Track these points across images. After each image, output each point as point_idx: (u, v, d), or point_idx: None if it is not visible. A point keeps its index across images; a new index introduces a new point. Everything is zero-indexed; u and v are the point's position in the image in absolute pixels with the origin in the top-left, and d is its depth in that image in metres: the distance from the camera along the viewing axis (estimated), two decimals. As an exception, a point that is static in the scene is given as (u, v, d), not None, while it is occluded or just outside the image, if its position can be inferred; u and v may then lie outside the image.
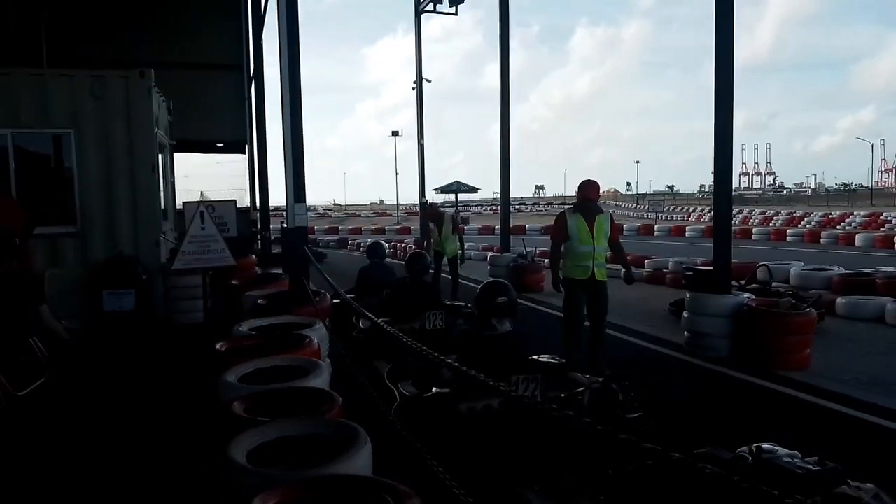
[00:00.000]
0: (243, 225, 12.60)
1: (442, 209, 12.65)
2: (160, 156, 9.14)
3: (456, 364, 2.82)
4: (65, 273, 7.85)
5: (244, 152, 20.41)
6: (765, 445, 3.18)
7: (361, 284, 8.13)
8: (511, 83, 13.73)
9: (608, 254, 6.73)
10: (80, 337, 7.10)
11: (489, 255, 13.96)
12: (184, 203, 10.74)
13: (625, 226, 35.20)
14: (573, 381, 4.36)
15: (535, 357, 4.47)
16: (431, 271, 9.52)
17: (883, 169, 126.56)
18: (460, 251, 11.53)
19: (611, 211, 6.61)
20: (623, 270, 7.01)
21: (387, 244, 21.70)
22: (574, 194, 7.20)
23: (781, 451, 3.14)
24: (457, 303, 7.57)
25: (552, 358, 4.61)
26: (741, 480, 1.65)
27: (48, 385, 5.04)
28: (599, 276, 6.57)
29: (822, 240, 25.07)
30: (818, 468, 2.95)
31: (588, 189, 6.57)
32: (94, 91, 8.05)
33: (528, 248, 13.42)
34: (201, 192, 17.78)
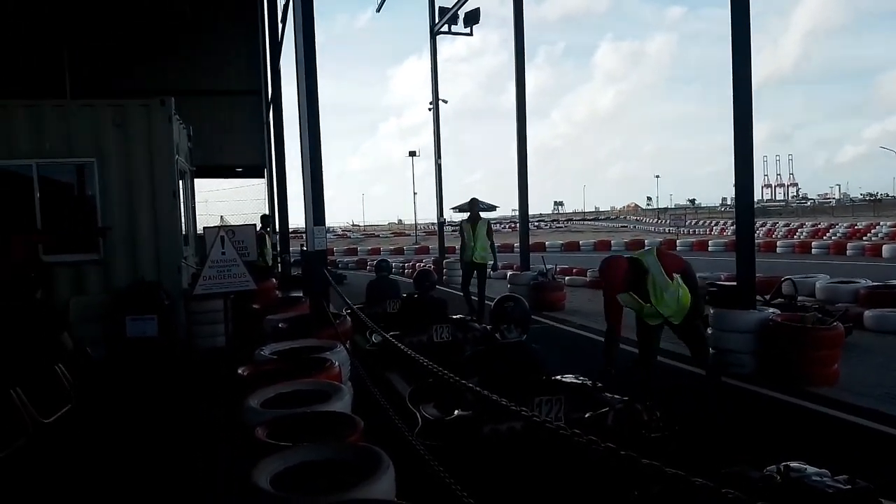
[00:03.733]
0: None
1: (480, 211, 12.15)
2: (181, 182, 9.26)
3: (477, 388, 2.76)
4: (88, 300, 7.97)
5: (263, 176, 20.66)
6: (793, 464, 3.12)
7: (370, 297, 8.84)
8: (533, 100, 14.03)
9: None
10: (105, 363, 7.18)
11: (509, 273, 13.91)
12: (204, 228, 10.87)
13: (646, 241, 35.02)
14: (598, 402, 4.24)
15: (558, 377, 4.44)
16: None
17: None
18: (491, 261, 11.37)
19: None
20: None
21: (405, 263, 21.77)
22: (593, 209, 7.09)
23: (810, 469, 3.08)
24: (464, 317, 7.69)
25: (575, 378, 4.55)
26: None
27: (74, 411, 5.08)
28: None
29: (847, 251, 24.71)
30: (848, 487, 2.88)
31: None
32: (115, 120, 8.20)
33: (549, 266, 13.37)
34: (221, 217, 18.00)
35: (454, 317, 7.46)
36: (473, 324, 7.30)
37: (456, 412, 4.26)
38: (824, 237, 31.30)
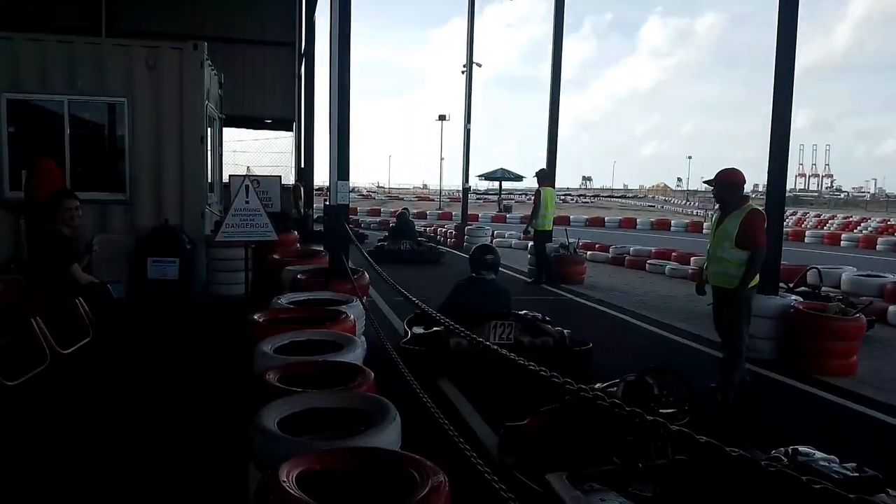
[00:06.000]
0: (286, 202, 12.73)
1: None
2: (209, 129, 9.27)
3: (445, 319, 3.61)
4: (112, 239, 8.06)
5: (292, 130, 20.66)
6: (801, 448, 3.10)
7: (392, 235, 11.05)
8: (574, 72, 14.45)
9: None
10: (125, 301, 7.28)
11: (529, 243, 13.83)
12: (230, 176, 10.93)
13: (672, 222, 34.66)
14: (540, 330, 6.24)
15: (515, 311, 6.41)
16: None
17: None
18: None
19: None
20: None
21: (427, 228, 21.75)
22: (622, 187, 6.95)
23: (818, 454, 3.05)
24: (535, 315, 6.66)
25: (528, 313, 6.59)
26: (777, 473, 1.58)
27: (92, 345, 5.16)
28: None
29: (877, 246, 24.22)
30: (856, 474, 2.86)
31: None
32: (148, 62, 8.19)
33: (572, 240, 13.28)
34: (247, 168, 18.07)
35: (521, 313, 6.53)
36: (545, 325, 6.43)
37: (433, 329, 6.05)
38: (855, 230, 30.73)
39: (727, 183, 5.41)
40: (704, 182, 5.87)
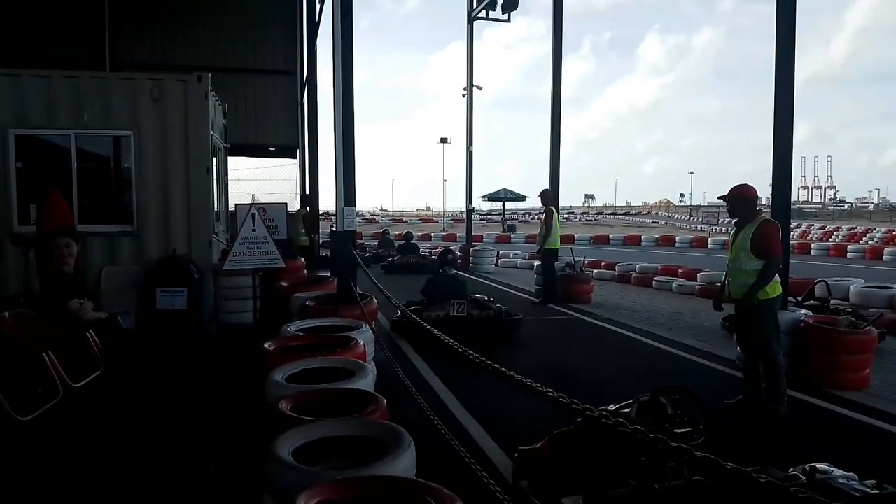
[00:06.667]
0: (293, 229, 12.76)
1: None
2: (214, 158, 9.34)
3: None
4: (120, 270, 8.10)
5: (296, 157, 20.78)
6: (819, 466, 3.07)
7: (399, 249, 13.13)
8: (574, 91, 14.59)
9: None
10: (135, 333, 7.30)
11: (535, 263, 13.82)
12: (236, 205, 10.98)
13: (677, 238, 34.64)
14: (486, 307, 8.69)
15: (470, 294, 9.00)
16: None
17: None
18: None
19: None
20: None
21: (432, 250, 21.78)
22: (625, 204, 7.02)
23: (837, 472, 3.02)
24: (482, 297, 9.16)
25: (482, 296, 9.10)
26: (798, 492, 1.57)
27: (103, 378, 5.18)
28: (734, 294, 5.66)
29: (884, 257, 24.13)
30: (876, 492, 2.83)
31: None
32: (153, 94, 8.27)
33: (577, 258, 13.27)
34: (252, 195, 18.15)
35: (474, 296, 9.09)
36: (489, 304, 8.89)
37: (413, 307, 8.47)
38: (861, 241, 30.64)
39: (740, 198, 5.55)
40: (719, 198, 5.92)
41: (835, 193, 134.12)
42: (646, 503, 2.93)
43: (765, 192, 7.58)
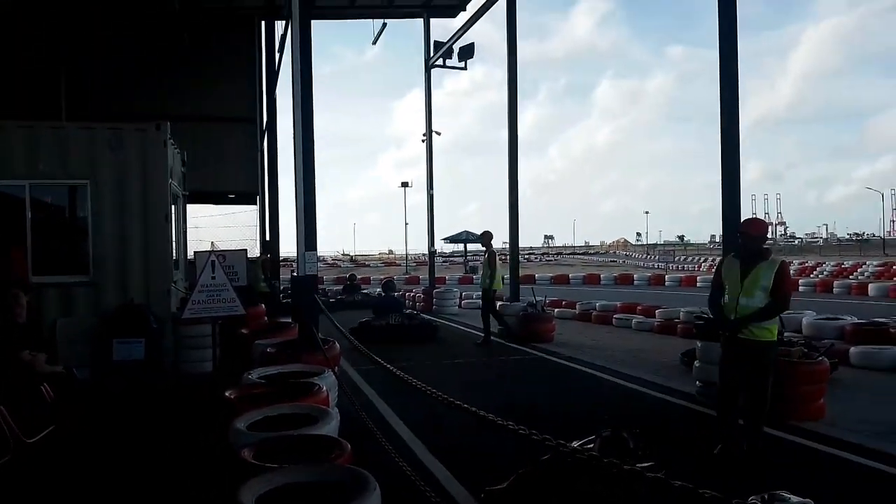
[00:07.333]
0: (252, 275, 12.67)
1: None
2: (173, 206, 9.28)
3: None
4: (76, 321, 7.93)
5: (255, 203, 20.74)
6: (778, 493, 3.14)
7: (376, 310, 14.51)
8: (532, 135, 15.01)
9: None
10: (91, 385, 7.12)
11: (498, 304, 13.91)
12: (195, 252, 10.88)
13: (635, 276, 35.17)
14: (413, 317, 13.50)
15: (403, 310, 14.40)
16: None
17: (894, 218, 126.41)
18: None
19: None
20: None
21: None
22: (583, 243, 7.12)
23: (794, 499, 3.09)
24: (412, 311, 14.47)
25: (412, 310, 15.67)
26: None
27: (58, 432, 5.04)
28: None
29: (834, 289, 24.87)
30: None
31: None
32: (111, 143, 8.23)
33: (538, 298, 13.41)
34: (212, 243, 17.98)
35: (406, 311, 14.23)
36: (417, 315, 13.90)
37: (365, 321, 12.74)
38: (811, 275, 31.53)
39: (761, 235, 5.57)
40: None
41: (785, 229, 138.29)
42: None
43: (718, 229, 7.83)
